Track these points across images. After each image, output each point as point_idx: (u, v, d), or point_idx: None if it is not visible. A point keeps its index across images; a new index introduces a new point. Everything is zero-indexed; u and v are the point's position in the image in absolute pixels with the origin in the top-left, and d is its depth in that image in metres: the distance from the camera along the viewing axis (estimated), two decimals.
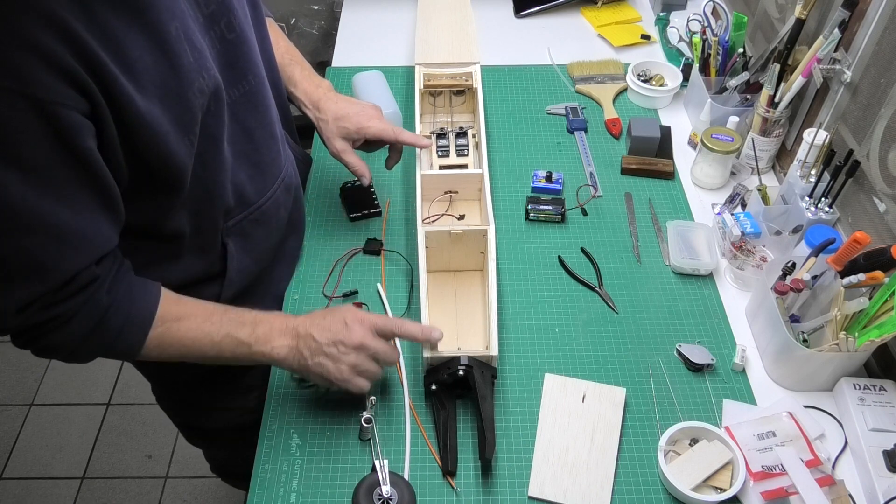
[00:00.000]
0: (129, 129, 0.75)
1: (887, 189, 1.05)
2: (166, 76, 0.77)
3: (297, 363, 0.92)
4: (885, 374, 1.06)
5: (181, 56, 0.78)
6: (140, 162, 0.79)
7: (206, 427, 1.31)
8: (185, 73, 0.79)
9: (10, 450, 2.06)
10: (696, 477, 0.92)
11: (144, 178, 0.81)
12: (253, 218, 1.02)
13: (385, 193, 1.31)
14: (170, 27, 0.76)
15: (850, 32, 1.14)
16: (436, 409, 1.00)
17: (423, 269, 1.07)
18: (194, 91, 0.80)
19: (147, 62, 0.75)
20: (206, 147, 0.87)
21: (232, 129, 0.93)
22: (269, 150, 1.02)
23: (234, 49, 0.90)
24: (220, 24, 0.87)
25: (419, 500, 0.93)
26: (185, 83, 0.79)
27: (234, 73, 0.91)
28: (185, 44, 0.78)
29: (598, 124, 1.46)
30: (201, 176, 0.89)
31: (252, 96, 0.96)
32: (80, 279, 0.79)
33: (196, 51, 0.81)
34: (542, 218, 1.27)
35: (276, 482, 0.95)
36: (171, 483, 2.00)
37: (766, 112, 1.26)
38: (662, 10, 1.72)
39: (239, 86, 0.93)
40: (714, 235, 1.22)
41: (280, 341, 0.91)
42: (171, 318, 0.87)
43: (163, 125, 0.77)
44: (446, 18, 1.59)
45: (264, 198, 1.03)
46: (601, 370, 1.06)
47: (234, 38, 0.90)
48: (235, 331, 0.90)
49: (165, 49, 0.76)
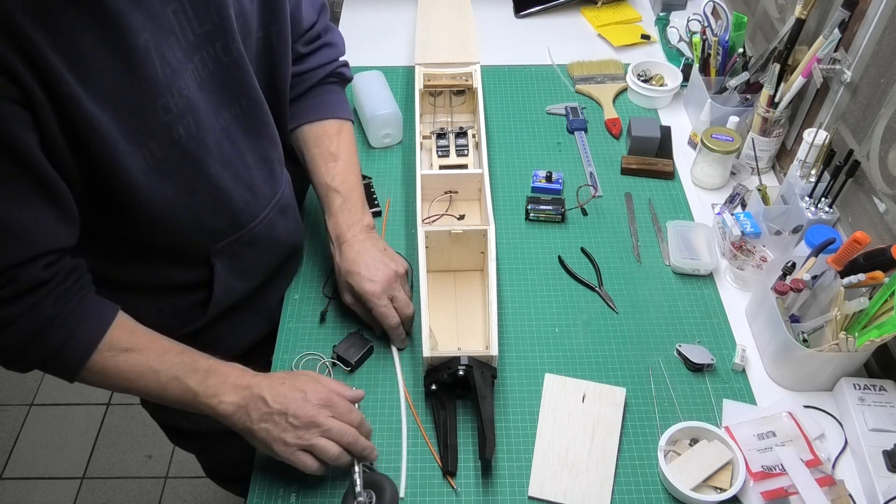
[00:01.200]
0: (73, 128, 0.73)
1: (887, 189, 1.05)
2: (124, 86, 0.75)
3: (241, 424, 0.86)
4: (885, 374, 1.06)
5: (147, 69, 0.76)
6: (91, 166, 0.78)
7: (183, 428, 1.28)
8: (149, 86, 0.77)
9: (10, 450, 2.06)
10: (696, 477, 0.92)
11: (96, 183, 0.80)
12: (244, 240, 1.00)
13: (385, 193, 1.31)
14: (138, 38, 0.75)
15: (850, 32, 1.14)
16: (436, 409, 1.00)
17: (423, 269, 1.07)
18: (157, 107, 0.79)
19: (103, 67, 0.73)
20: (187, 172, 0.86)
21: (223, 151, 0.91)
22: (262, 172, 1.00)
23: (229, 72, 0.88)
24: (216, 46, 0.85)
25: (419, 501, 0.93)
26: (147, 97, 0.77)
27: (227, 96, 0.90)
28: (155, 58, 0.77)
29: (598, 124, 1.46)
30: (181, 200, 0.87)
31: (245, 119, 0.94)
32: (23, 279, 0.76)
33: (169, 68, 0.79)
34: (542, 218, 1.27)
35: (276, 482, 0.95)
36: (171, 483, 2.00)
37: (766, 112, 1.26)
38: (662, 10, 1.72)
39: (231, 108, 0.91)
40: (714, 235, 1.22)
41: (229, 397, 0.85)
42: (120, 347, 0.83)
43: (111, 133, 0.76)
44: (446, 18, 1.59)
45: (256, 220, 1.01)
46: (601, 370, 1.06)
47: (229, 62, 0.88)
48: (185, 376, 0.85)
49: (129, 59, 0.75)
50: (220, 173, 0.91)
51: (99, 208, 0.84)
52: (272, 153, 1.02)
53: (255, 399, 0.85)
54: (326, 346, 1.08)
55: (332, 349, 1.07)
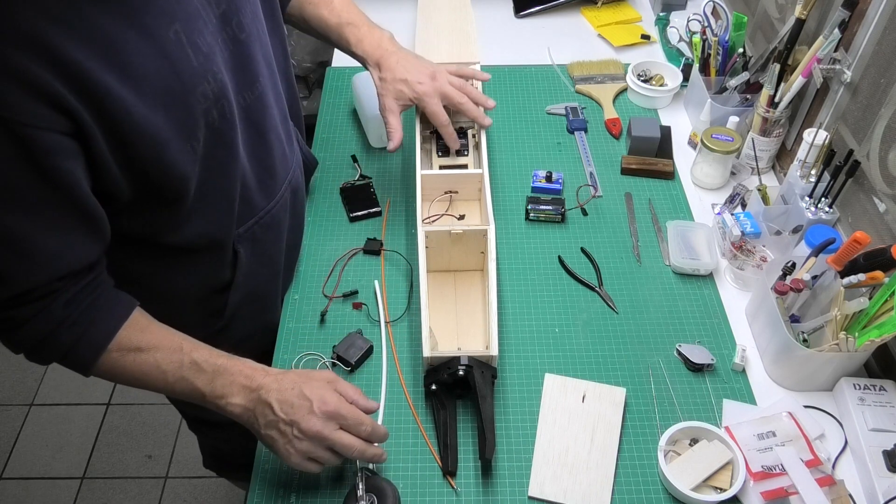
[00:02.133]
0: (125, 141, 0.73)
1: (887, 189, 1.05)
2: (169, 81, 0.75)
3: (248, 425, 0.87)
4: (885, 374, 1.06)
5: (182, 60, 0.76)
6: (139, 174, 0.78)
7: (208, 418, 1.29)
8: (188, 77, 0.77)
9: (10, 450, 2.06)
10: (696, 477, 0.92)
11: (145, 191, 0.80)
12: (263, 223, 1.00)
13: (385, 193, 1.31)
14: (168, 31, 0.74)
15: (850, 32, 1.14)
16: (436, 409, 1.00)
17: (423, 269, 1.07)
18: (197, 96, 0.79)
19: (148, 68, 0.73)
20: (222, 155, 0.86)
21: (247, 133, 0.91)
22: (278, 151, 1.00)
23: (246, 49, 0.88)
24: (232, 24, 0.85)
25: (419, 501, 0.93)
26: (188, 88, 0.77)
27: (247, 76, 0.89)
28: (187, 47, 0.77)
29: (598, 124, 1.46)
30: (218, 185, 0.87)
31: (264, 98, 0.94)
32: (37, 292, 0.77)
33: (201, 54, 0.79)
34: (542, 218, 1.27)
35: (277, 481, 0.95)
36: (171, 483, 2.00)
37: (766, 112, 1.26)
38: (662, 10, 1.72)
39: (253, 88, 0.91)
40: (714, 235, 1.22)
41: (236, 399, 0.85)
42: (130, 347, 0.84)
43: (163, 133, 0.76)
44: (446, 18, 1.59)
45: (273, 201, 1.01)
46: (601, 370, 1.06)
47: (244, 38, 0.87)
48: (193, 377, 0.85)
49: (166, 54, 0.74)
50: (243, 155, 0.91)
51: (143, 214, 0.84)
52: (286, 129, 1.02)
53: (262, 405, 0.85)
54: (326, 346, 1.08)
55: (332, 349, 1.07)
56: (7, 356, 2.24)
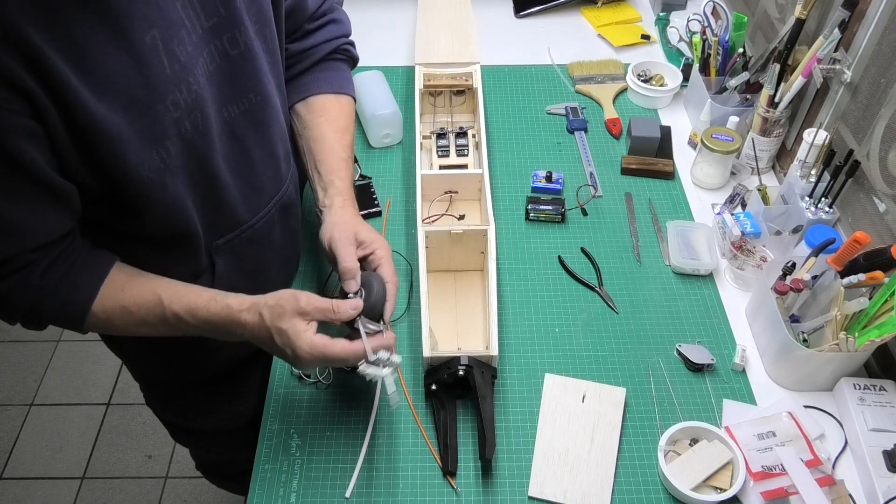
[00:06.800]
0: (82, 133, 0.74)
1: (887, 189, 1.05)
2: (134, 85, 0.75)
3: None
4: (885, 374, 1.06)
5: (155, 66, 0.76)
6: (97, 169, 0.78)
7: (193, 428, 1.29)
8: (159, 83, 0.77)
9: (10, 450, 2.06)
10: (696, 477, 0.92)
11: (111, 189, 0.80)
12: (245, 237, 1.00)
13: (385, 193, 1.31)
14: (144, 36, 0.75)
15: (850, 32, 1.14)
16: (436, 409, 1.00)
17: (423, 269, 1.07)
18: (166, 104, 0.78)
19: (112, 69, 0.73)
20: (193, 166, 0.86)
21: (228, 147, 0.91)
22: (267, 168, 1.00)
23: (237, 66, 0.88)
24: (223, 39, 0.85)
25: (419, 501, 0.93)
26: (157, 94, 0.77)
27: (235, 91, 0.89)
28: (162, 54, 0.77)
29: (598, 124, 1.46)
30: (190, 196, 0.87)
31: (254, 114, 0.93)
32: (11, 264, 0.79)
33: (178, 63, 0.79)
34: (542, 218, 1.27)
35: (276, 482, 0.95)
36: (171, 483, 2.00)
37: (766, 112, 1.26)
38: (662, 10, 1.72)
39: (239, 103, 0.91)
40: (714, 235, 1.22)
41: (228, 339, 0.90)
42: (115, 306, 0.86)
43: (123, 134, 0.76)
44: (446, 18, 1.59)
45: (257, 217, 1.00)
46: (601, 370, 1.06)
47: (237, 55, 0.87)
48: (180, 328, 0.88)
49: (136, 57, 0.75)
50: (221, 168, 0.91)
51: (112, 208, 0.85)
52: (279, 149, 1.01)
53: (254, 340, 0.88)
54: None
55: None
56: (7, 356, 2.25)
